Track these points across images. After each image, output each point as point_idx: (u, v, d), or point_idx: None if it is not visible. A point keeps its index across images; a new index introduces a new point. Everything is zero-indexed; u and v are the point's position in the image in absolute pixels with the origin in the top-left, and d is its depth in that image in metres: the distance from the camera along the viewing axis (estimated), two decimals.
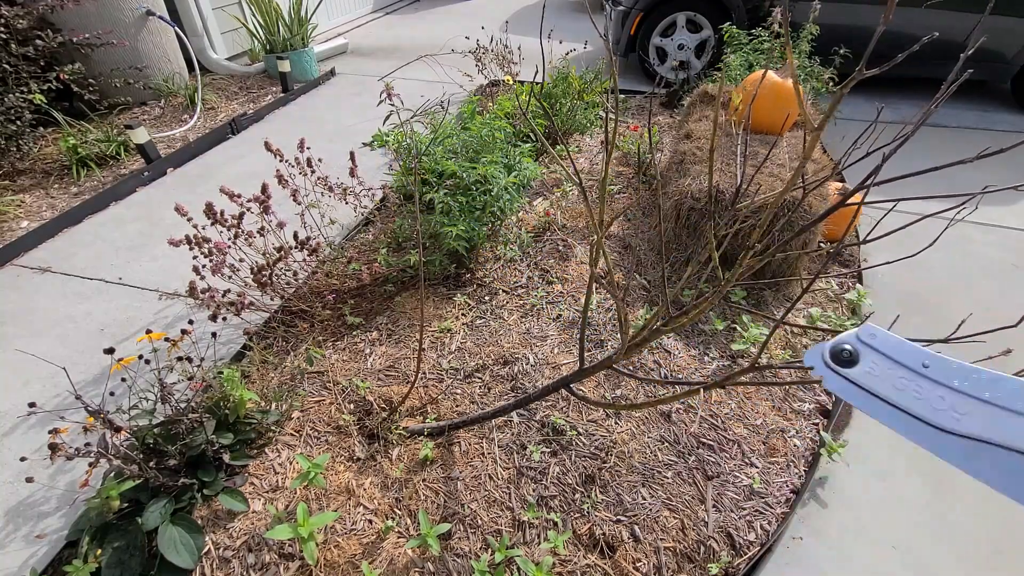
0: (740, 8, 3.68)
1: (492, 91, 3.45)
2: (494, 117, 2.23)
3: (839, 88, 0.56)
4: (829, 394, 1.73)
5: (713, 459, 1.50)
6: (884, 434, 1.63)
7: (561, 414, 1.59)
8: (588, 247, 2.28)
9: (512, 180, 2.03)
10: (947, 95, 0.51)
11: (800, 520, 1.39)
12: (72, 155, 2.83)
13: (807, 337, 1.91)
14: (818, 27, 2.88)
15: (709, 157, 0.71)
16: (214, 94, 3.82)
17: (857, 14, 3.52)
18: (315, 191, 2.14)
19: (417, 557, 1.27)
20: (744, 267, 0.72)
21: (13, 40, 2.61)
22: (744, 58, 3.06)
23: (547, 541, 1.28)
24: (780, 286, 2.10)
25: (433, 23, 5.88)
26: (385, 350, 1.80)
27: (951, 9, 3.43)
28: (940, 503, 1.44)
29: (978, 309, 2.08)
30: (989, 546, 1.35)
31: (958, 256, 2.35)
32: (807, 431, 1.61)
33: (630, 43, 3.99)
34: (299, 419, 1.58)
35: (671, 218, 2.15)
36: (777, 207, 0.71)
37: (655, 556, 1.29)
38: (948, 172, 2.87)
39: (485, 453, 1.50)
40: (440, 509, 1.37)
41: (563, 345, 1.84)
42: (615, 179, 2.77)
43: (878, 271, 2.23)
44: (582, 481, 1.44)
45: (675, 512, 1.38)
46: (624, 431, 1.56)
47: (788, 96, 2.29)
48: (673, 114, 3.56)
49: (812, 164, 2.16)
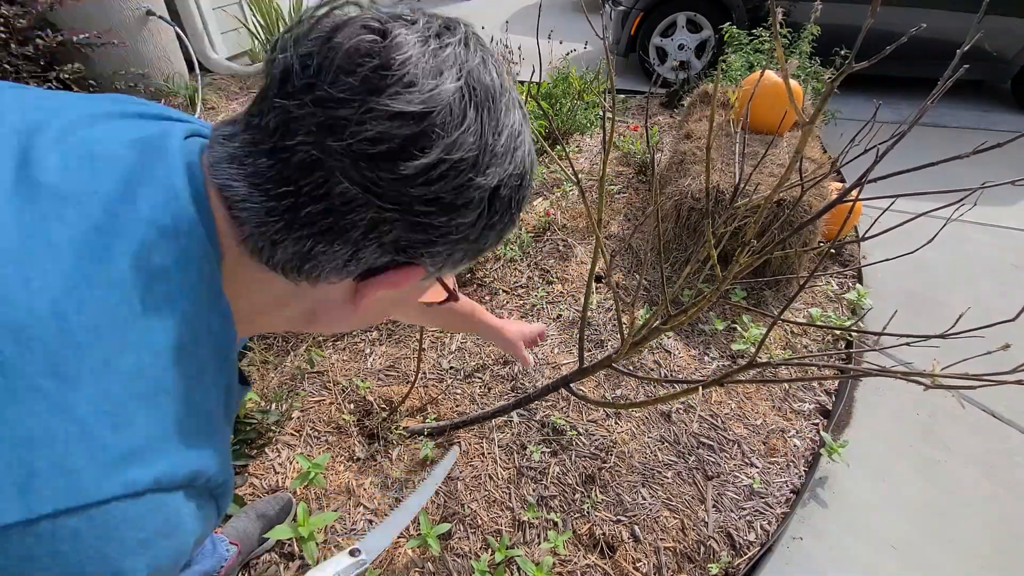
0: (740, 8, 3.68)
1: None
2: None
3: (831, 81, 0.56)
4: (829, 394, 1.73)
5: (713, 459, 1.50)
6: (884, 434, 1.63)
7: (561, 414, 1.59)
8: (588, 247, 2.28)
9: None
10: (943, 91, 0.51)
11: (800, 520, 1.39)
12: None
13: (807, 336, 1.91)
14: (819, 28, 2.88)
15: (706, 155, 0.71)
16: (214, 94, 3.83)
17: (858, 14, 3.52)
18: None
19: (417, 557, 1.27)
20: (741, 265, 0.72)
21: (13, 40, 2.61)
22: (744, 58, 3.06)
23: (547, 541, 1.28)
24: (780, 286, 2.11)
25: None
26: (385, 350, 1.80)
27: (951, 9, 3.43)
28: (940, 503, 1.44)
29: (978, 309, 2.07)
30: (990, 546, 1.35)
31: (958, 256, 2.35)
32: (807, 431, 1.61)
33: (630, 43, 3.99)
34: (299, 419, 1.58)
35: (671, 218, 2.15)
36: (772, 203, 0.71)
37: (655, 556, 1.29)
38: (947, 171, 2.84)
39: (485, 453, 1.50)
40: (440, 509, 1.37)
41: (563, 345, 1.84)
42: (615, 179, 2.77)
43: (878, 271, 2.23)
44: (582, 481, 1.44)
45: (675, 512, 1.38)
46: (624, 431, 1.56)
47: (787, 95, 2.29)
48: (673, 114, 3.56)
49: (811, 163, 2.16)
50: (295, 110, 0.34)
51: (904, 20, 3.57)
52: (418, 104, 0.34)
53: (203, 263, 0.36)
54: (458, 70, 0.36)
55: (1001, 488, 1.48)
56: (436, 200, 0.37)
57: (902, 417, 1.67)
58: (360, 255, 0.39)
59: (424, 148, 0.34)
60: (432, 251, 0.40)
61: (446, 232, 0.39)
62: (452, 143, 0.35)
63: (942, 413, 1.68)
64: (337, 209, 0.36)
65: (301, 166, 0.35)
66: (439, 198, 0.37)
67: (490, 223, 0.41)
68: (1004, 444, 1.60)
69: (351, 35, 0.34)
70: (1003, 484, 1.49)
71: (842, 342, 1.91)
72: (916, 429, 1.63)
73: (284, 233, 0.36)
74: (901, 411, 1.69)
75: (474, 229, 0.40)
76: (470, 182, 0.37)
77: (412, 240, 0.39)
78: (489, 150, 0.37)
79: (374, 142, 0.34)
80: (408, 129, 0.34)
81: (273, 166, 0.35)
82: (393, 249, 0.39)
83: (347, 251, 0.38)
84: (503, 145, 0.38)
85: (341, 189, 0.35)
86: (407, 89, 0.34)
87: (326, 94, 0.33)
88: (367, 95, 0.33)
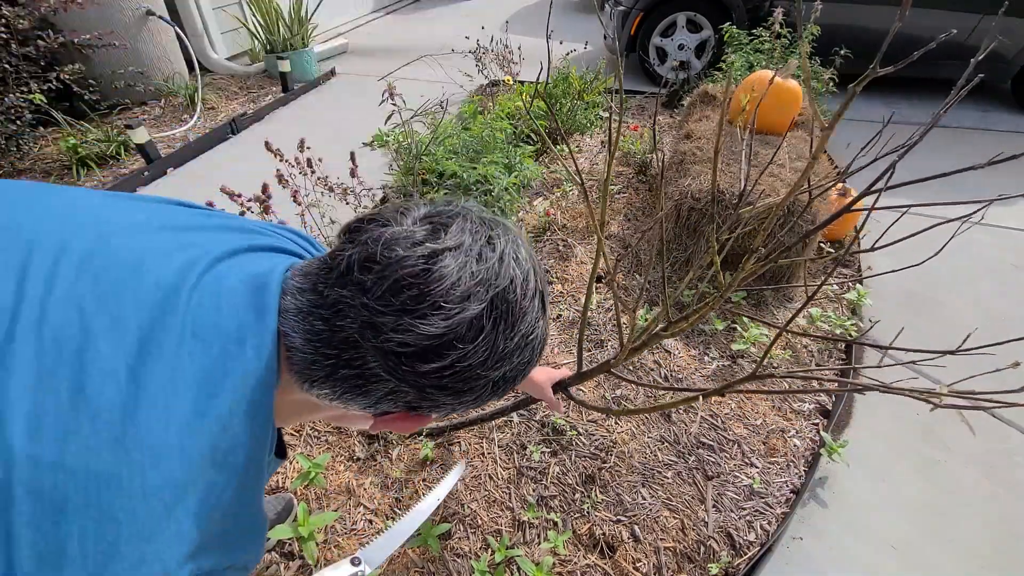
0: (740, 8, 3.68)
1: (492, 91, 3.45)
2: (495, 118, 2.23)
3: (852, 86, 0.56)
4: (829, 394, 1.73)
5: (713, 459, 1.50)
6: (884, 434, 1.63)
7: (561, 414, 1.59)
8: (588, 247, 2.28)
9: (513, 181, 2.03)
10: (957, 99, 0.51)
11: (800, 520, 1.39)
12: (72, 155, 2.83)
13: (807, 337, 1.91)
14: (819, 27, 2.88)
15: (714, 159, 0.71)
16: (214, 94, 3.83)
17: (858, 14, 3.52)
18: (315, 191, 2.14)
19: (417, 557, 1.27)
20: (747, 272, 0.72)
21: (14, 40, 2.61)
22: (745, 58, 3.06)
23: (547, 541, 1.28)
24: (781, 287, 2.10)
25: (433, 23, 5.89)
26: None
27: (951, 9, 3.43)
28: (940, 503, 1.44)
29: (979, 310, 2.08)
30: (990, 546, 1.35)
31: (958, 256, 2.35)
32: (807, 431, 1.61)
33: (630, 43, 3.99)
34: None
35: (671, 218, 2.15)
36: (781, 211, 0.71)
37: (655, 556, 1.29)
38: (952, 175, 2.84)
39: (485, 453, 1.50)
40: (440, 509, 1.37)
41: (563, 345, 1.84)
42: (615, 179, 2.77)
43: (877, 270, 2.24)
44: (582, 481, 1.44)
45: (675, 512, 1.38)
46: (624, 431, 1.56)
47: (787, 96, 2.29)
48: (673, 114, 3.56)
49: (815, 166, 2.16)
50: (349, 300, 0.44)
51: (905, 20, 3.55)
52: (440, 327, 0.42)
53: (269, 395, 0.46)
54: (485, 292, 0.44)
55: (1001, 488, 1.48)
56: (444, 388, 0.46)
57: (902, 417, 1.67)
58: (379, 406, 0.49)
59: (440, 356, 0.43)
60: (439, 410, 0.51)
61: (453, 403, 0.49)
62: (463, 354, 0.44)
63: (942, 413, 1.68)
64: (367, 377, 0.46)
65: (345, 341, 0.44)
66: (446, 386, 0.46)
67: (494, 394, 0.50)
68: (1004, 444, 1.60)
69: (404, 261, 0.43)
70: (1003, 484, 1.49)
71: (844, 344, 1.91)
72: (916, 429, 1.64)
73: (323, 382, 0.47)
74: (901, 411, 1.69)
75: (479, 400, 0.50)
76: (478, 376, 0.46)
77: (422, 404, 0.48)
78: (499, 353, 0.46)
79: (401, 345, 0.43)
80: (429, 342, 0.43)
81: (323, 332, 0.45)
82: (406, 406, 0.49)
83: (369, 402, 0.48)
84: (515, 346, 0.47)
85: (372, 367, 0.45)
86: (435, 313, 0.42)
87: (373, 304, 0.43)
88: (402, 314, 0.42)
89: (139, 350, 0.40)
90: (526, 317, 0.47)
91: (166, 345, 0.41)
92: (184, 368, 0.41)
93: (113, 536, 0.36)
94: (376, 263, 0.43)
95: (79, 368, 0.38)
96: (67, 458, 0.35)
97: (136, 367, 0.39)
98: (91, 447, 0.36)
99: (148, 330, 0.41)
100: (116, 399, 0.38)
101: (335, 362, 0.45)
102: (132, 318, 0.41)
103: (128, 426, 0.38)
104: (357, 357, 0.44)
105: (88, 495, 0.35)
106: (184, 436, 0.39)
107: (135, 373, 0.39)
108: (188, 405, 0.40)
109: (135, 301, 0.42)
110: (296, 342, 0.45)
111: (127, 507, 0.37)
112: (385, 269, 0.43)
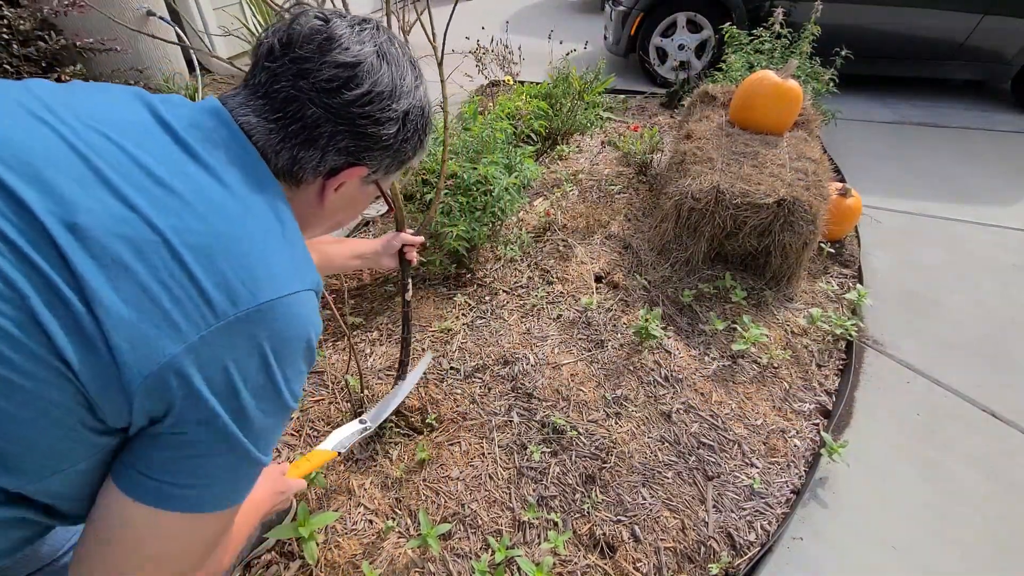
0: (740, 8, 3.68)
1: (492, 91, 3.45)
2: (495, 118, 2.23)
3: None
4: (830, 394, 1.73)
5: (713, 459, 1.50)
6: (884, 434, 1.63)
7: (561, 414, 1.59)
8: (588, 247, 2.28)
9: (513, 181, 2.03)
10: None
11: (800, 520, 1.39)
12: None
13: (807, 337, 1.91)
14: (819, 28, 2.88)
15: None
16: (214, 94, 3.82)
17: (858, 14, 3.52)
18: None
19: (417, 557, 1.27)
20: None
21: (15, 41, 2.61)
22: (745, 58, 3.06)
23: (547, 541, 1.28)
24: (780, 286, 2.11)
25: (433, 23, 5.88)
26: (385, 350, 1.80)
27: (952, 9, 3.43)
28: (941, 503, 1.44)
29: (978, 309, 2.08)
30: (991, 546, 1.35)
31: (958, 256, 2.35)
32: (807, 431, 1.61)
33: (630, 43, 3.99)
34: (298, 419, 1.58)
35: (671, 218, 2.15)
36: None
37: (655, 556, 1.29)
38: (949, 174, 2.88)
39: (485, 453, 1.50)
40: (440, 509, 1.37)
41: (563, 345, 1.84)
42: (615, 179, 2.77)
43: (877, 270, 2.24)
44: (582, 481, 1.44)
45: (675, 512, 1.38)
46: (624, 431, 1.56)
47: (787, 96, 2.29)
48: (673, 114, 3.56)
49: (812, 163, 2.16)
50: (277, 68, 0.59)
51: (905, 20, 3.57)
52: (351, 57, 0.59)
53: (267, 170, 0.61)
54: (373, 43, 0.61)
55: (1001, 488, 1.48)
56: (368, 116, 0.61)
57: (902, 417, 1.67)
58: (325, 158, 0.62)
59: (358, 83, 0.59)
60: (370, 156, 0.64)
61: (376, 140, 0.63)
62: (375, 80, 0.60)
63: (942, 413, 1.68)
64: (309, 125, 0.59)
65: (285, 100, 0.59)
66: (370, 115, 0.61)
67: (405, 138, 0.66)
68: (1004, 444, 1.60)
69: (307, 22, 0.60)
70: (1003, 484, 1.49)
71: (842, 342, 1.91)
72: (916, 429, 1.64)
73: (280, 144, 0.60)
74: (901, 411, 1.69)
75: (395, 141, 0.65)
76: (389, 106, 0.62)
77: (357, 146, 0.62)
78: (398, 88, 0.62)
79: (328, 80, 0.58)
80: (347, 72, 0.59)
81: (267, 104, 0.59)
82: (346, 153, 0.63)
83: (317, 155, 0.61)
84: (407, 86, 0.64)
85: (311, 112, 0.59)
86: (344, 50, 0.59)
87: (297, 54, 0.58)
88: (321, 54, 0.58)
89: (183, 149, 0.53)
90: (403, 66, 0.63)
91: (193, 147, 0.53)
92: (220, 160, 0.54)
93: (249, 263, 0.51)
94: (289, 36, 0.59)
95: (147, 172, 0.49)
96: (191, 223, 0.49)
97: (188, 163, 0.53)
98: (201, 215, 0.50)
99: (171, 141, 0.54)
100: (202, 181, 0.52)
101: (282, 119, 0.58)
102: (149, 140, 0.53)
103: (223, 198, 0.52)
104: (299, 109, 0.58)
105: (224, 244, 0.50)
106: (249, 197, 0.54)
107: (189, 166, 0.52)
108: (241, 180, 0.54)
109: (133, 132, 0.53)
110: (251, 120, 0.59)
111: (246, 249, 0.51)
112: (296, 34, 0.58)
